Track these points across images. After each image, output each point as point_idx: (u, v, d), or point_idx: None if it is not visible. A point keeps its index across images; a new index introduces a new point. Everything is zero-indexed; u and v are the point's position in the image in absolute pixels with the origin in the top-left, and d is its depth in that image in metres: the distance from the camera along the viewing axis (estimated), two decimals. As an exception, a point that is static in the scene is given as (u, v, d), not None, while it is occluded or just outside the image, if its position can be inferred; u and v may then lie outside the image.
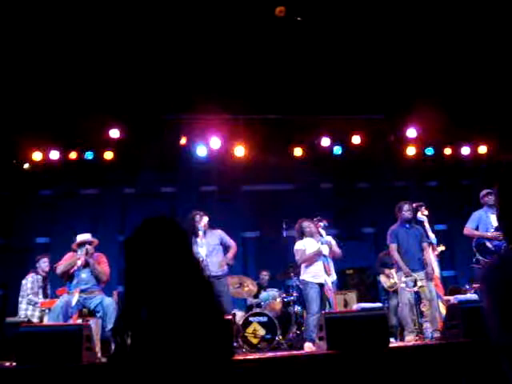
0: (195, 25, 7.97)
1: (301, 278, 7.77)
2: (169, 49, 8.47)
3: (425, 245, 7.59)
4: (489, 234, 7.48)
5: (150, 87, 8.99)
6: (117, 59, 8.51)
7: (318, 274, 7.59)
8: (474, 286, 8.99)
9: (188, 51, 8.52)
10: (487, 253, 7.48)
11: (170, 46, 8.41)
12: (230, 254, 7.83)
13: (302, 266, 7.71)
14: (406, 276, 7.38)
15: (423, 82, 9.14)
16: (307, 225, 7.77)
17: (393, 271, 9.07)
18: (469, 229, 7.70)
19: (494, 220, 7.52)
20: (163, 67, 8.74)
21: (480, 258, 7.64)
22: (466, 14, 7.95)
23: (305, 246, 7.68)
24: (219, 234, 7.94)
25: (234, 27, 8.02)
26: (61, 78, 8.66)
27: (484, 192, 7.81)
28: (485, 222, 7.63)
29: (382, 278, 9.31)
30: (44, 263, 8.43)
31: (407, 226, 7.63)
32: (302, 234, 7.79)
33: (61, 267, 6.85)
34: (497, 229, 7.44)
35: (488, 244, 7.48)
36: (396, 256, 7.50)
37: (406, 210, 7.61)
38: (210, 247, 7.68)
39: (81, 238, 7.08)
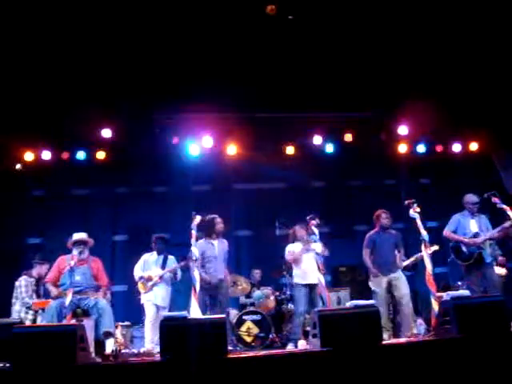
0: (186, 23, 7.97)
1: (292, 280, 8.15)
2: (160, 47, 8.46)
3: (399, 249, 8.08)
4: (466, 239, 7.81)
5: (141, 86, 8.97)
6: (108, 58, 8.49)
7: (304, 275, 7.78)
8: (467, 282, 9.05)
9: (179, 50, 8.51)
10: (462, 256, 7.84)
11: (161, 44, 8.40)
12: None
13: (293, 267, 8.04)
14: (374, 277, 7.85)
15: (414, 80, 9.16)
16: (299, 230, 8.12)
17: None
18: (448, 232, 8.06)
19: (472, 225, 7.92)
20: (154, 66, 8.73)
21: (455, 259, 7.94)
22: (456, 12, 7.98)
23: (295, 249, 8.03)
24: (227, 245, 8.18)
25: (224, 25, 8.02)
26: (52, 77, 8.64)
27: (467, 199, 8.07)
28: (463, 227, 7.98)
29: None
30: (45, 269, 8.32)
31: (384, 231, 8.07)
32: (295, 239, 8.12)
33: (50, 276, 6.97)
34: (474, 235, 7.80)
35: (463, 248, 7.82)
36: (367, 260, 7.98)
37: (384, 218, 8.09)
38: (222, 253, 7.95)
39: (76, 236, 7.11)
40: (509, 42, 8.45)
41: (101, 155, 10.28)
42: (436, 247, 7.85)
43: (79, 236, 7.14)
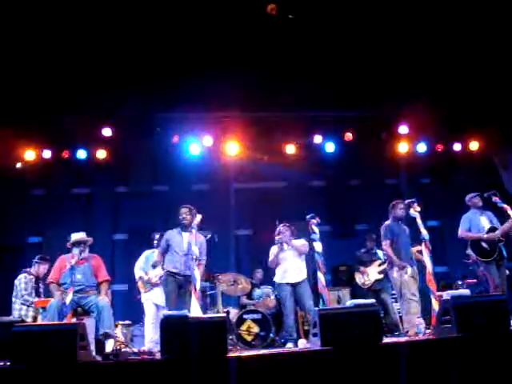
0: (187, 22, 7.98)
1: (274, 279, 7.98)
2: (160, 47, 8.47)
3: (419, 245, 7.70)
4: (485, 235, 7.73)
5: (142, 85, 8.98)
6: (109, 58, 8.50)
7: (284, 274, 7.73)
8: (468, 281, 9.06)
9: (179, 49, 8.52)
10: (483, 252, 7.74)
11: (161, 44, 8.41)
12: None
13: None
14: (401, 268, 7.50)
15: (414, 79, 9.17)
16: (280, 230, 7.94)
17: (368, 269, 9.17)
18: (463, 232, 7.96)
19: (483, 221, 7.86)
20: (155, 65, 8.74)
21: (474, 256, 7.83)
22: (456, 11, 7.99)
23: (273, 252, 7.91)
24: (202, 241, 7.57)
25: (226, 25, 8.03)
26: (52, 76, 8.65)
27: (472, 195, 8.09)
28: (476, 224, 7.91)
29: (357, 276, 9.37)
30: (44, 269, 8.35)
31: (399, 222, 7.81)
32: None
33: (53, 277, 6.96)
34: (489, 230, 7.75)
35: (484, 245, 7.73)
36: (390, 251, 7.64)
37: (400, 208, 7.78)
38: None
39: (75, 236, 7.09)
40: (509, 41, 8.46)
41: (101, 154, 10.28)
42: (418, 248, 7.78)
43: (78, 236, 7.12)
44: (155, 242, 8.37)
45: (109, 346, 6.43)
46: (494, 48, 8.67)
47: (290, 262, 7.76)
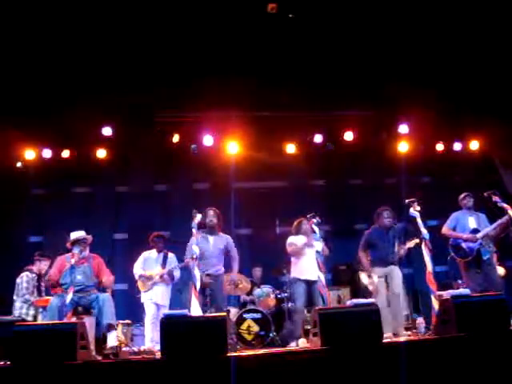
0: (188, 22, 7.98)
1: (290, 275, 7.98)
2: (160, 46, 8.47)
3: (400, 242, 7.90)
4: (464, 235, 7.84)
5: (142, 85, 8.98)
6: (109, 57, 8.50)
7: (302, 271, 7.71)
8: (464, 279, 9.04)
9: (179, 48, 8.52)
10: (461, 253, 7.84)
11: (161, 43, 8.41)
12: (235, 268, 7.95)
13: (292, 262, 7.88)
14: (369, 276, 7.75)
15: (414, 79, 9.17)
16: (305, 223, 7.92)
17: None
18: (446, 228, 8.07)
19: (471, 222, 7.94)
20: (155, 65, 8.74)
21: (455, 256, 7.95)
22: (457, 10, 7.99)
23: (297, 241, 7.84)
24: (228, 240, 7.94)
25: (226, 24, 8.03)
26: (53, 75, 8.65)
27: (462, 195, 8.20)
28: (462, 224, 8.00)
29: (362, 276, 9.36)
30: (45, 265, 8.36)
31: (384, 231, 7.88)
32: (298, 232, 7.93)
33: (54, 279, 6.94)
34: (473, 231, 7.82)
35: (463, 245, 7.83)
36: (363, 260, 7.90)
37: (386, 217, 7.90)
38: (216, 249, 7.70)
39: (75, 235, 7.08)
40: (509, 41, 8.46)
41: (101, 153, 10.28)
42: (416, 240, 7.79)
43: (78, 234, 7.11)
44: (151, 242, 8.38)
45: (111, 338, 6.42)
46: (494, 47, 8.67)
47: (309, 259, 7.73)
